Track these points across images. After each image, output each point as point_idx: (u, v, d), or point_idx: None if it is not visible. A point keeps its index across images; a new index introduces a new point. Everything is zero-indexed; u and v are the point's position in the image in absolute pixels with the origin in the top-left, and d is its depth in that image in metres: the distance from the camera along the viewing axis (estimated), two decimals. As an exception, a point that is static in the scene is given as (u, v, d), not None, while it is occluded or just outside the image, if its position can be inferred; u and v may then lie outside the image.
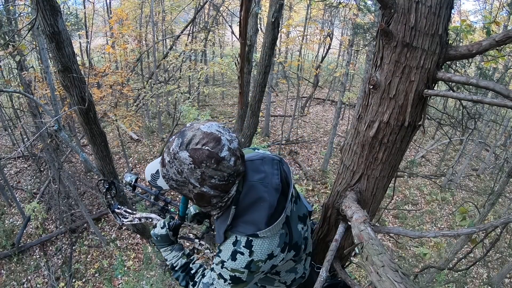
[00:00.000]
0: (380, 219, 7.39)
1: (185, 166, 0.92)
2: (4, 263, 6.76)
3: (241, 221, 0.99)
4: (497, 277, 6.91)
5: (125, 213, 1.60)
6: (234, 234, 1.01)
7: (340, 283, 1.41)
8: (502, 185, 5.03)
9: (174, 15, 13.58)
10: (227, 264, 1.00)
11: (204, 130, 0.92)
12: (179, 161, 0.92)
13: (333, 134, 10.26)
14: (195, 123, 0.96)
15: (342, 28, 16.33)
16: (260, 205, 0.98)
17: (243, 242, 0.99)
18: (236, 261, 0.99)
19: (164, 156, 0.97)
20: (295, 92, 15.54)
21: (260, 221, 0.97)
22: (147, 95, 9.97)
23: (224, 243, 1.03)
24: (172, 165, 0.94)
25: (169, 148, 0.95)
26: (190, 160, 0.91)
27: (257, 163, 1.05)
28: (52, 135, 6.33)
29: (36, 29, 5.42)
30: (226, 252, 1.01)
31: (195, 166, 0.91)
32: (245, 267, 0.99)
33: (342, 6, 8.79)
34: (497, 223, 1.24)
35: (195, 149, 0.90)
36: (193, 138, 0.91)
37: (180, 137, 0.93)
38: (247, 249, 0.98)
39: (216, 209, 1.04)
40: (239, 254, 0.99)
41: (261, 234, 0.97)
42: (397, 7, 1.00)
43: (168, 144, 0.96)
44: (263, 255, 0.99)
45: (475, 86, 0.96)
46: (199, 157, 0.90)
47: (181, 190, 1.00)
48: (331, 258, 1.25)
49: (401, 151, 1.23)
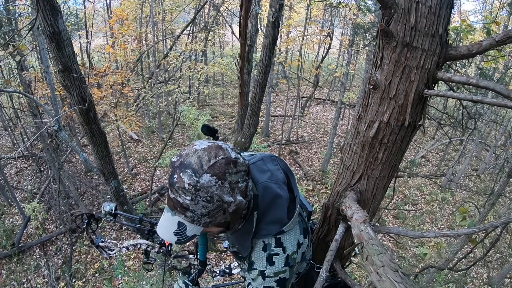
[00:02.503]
0: (380, 219, 7.39)
1: (212, 188, 0.83)
2: (4, 263, 6.76)
3: (264, 223, 0.99)
4: (497, 277, 6.91)
5: (110, 245, 1.55)
6: (259, 240, 1.00)
7: (340, 283, 1.41)
8: (502, 185, 5.03)
9: (174, 15, 13.58)
10: (268, 271, 0.99)
11: (201, 147, 0.86)
12: (204, 189, 0.83)
13: (333, 134, 10.26)
14: (182, 152, 0.88)
15: (342, 28, 16.33)
16: (278, 202, 1.01)
17: (273, 243, 0.99)
18: (275, 264, 0.99)
19: (181, 201, 0.84)
20: (295, 92, 15.54)
21: (282, 217, 1.00)
22: (147, 95, 9.97)
23: (252, 254, 1.01)
24: (197, 200, 0.84)
25: (181, 188, 0.83)
26: (215, 179, 0.83)
27: (260, 164, 1.07)
28: (52, 135, 6.33)
29: (36, 29, 5.43)
30: (260, 261, 1.00)
31: (222, 181, 0.85)
32: (285, 265, 1.00)
33: (342, 6, 8.78)
34: (497, 223, 1.24)
35: (211, 166, 0.83)
36: (201, 159, 0.83)
37: (186, 168, 0.83)
38: (279, 247, 1.00)
39: (241, 220, 0.99)
40: (275, 256, 0.99)
41: (286, 228, 1.00)
42: (397, 7, 1.00)
43: (175, 188, 0.84)
44: (294, 246, 1.02)
45: (475, 86, 0.96)
46: (221, 170, 0.84)
47: (215, 220, 0.91)
48: (331, 258, 1.25)
49: (401, 151, 1.23)
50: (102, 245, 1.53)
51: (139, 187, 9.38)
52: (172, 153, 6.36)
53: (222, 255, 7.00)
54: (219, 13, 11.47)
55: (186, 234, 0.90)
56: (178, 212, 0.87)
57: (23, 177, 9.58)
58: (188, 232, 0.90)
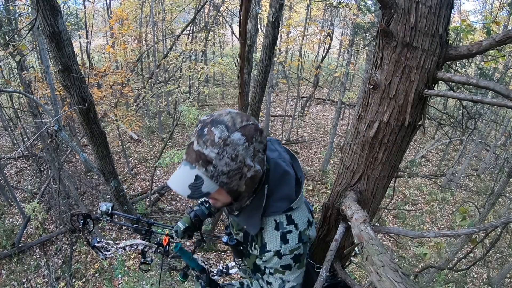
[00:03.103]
0: (380, 219, 7.39)
1: (239, 147, 0.86)
2: (4, 263, 6.75)
3: (273, 200, 1.01)
4: (497, 277, 6.91)
5: (106, 246, 1.53)
6: (270, 218, 1.02)
7: (340, 283, 1.41)
8: (502, 185, 5.03)
9: (174, 15, 13.57)
10: (283, 250, 1.01)
11: (233, 111, 0.91)
12: (232, 145, 0.85)
13: (333, 134, 10.26)
14: (213, 113, 0.91)
15: (342, 28, 16.33)
16: (287, 179, 1.03)
17: (285, 221, 1.01)
18: (289, 242, 1.01)
19: (206, 152, 0.85)
20: (295, 92, 15.54)
21: (290, 193, 1.02)
22: (147, 95, 9.97)
23: (265, 234, 1.03)
24: (223, 155, 0.85)
25: (210, 140, 0.84)
26: (244, 139, 0.87)
27: (268, 144, 1.10)
28: (52, 135, 6.33)
29: (36, 29, 5.43)
30: (273, 241, 1.01)
31: (249, 143, 0.88)
32: (299, 241, 1.02)
33: (342, 6, 8.79)
34: (497, 223, 1.24)
35: (244, 126, 0.87)
36: (234, 119, 0.87)
37: (219, 124, 0.85)
38: (291, 225, 1.01)
39: (251, 194, 1.02)
40: (288, 234, 1.01)
41: (295, 205, 1.02)
42: (397, 7, 1.00)
43: (204, 140, 0.85)
44: (304, 223, 1.04)
45: (475, 86, 0.96)
46: (250, 133, 0.88)
47: (231, 182, 0.91)
48: (331, 258, 1.25)
49: (401, 151, 1.23)
50: (98, 245, 1.51)
51: (139, 187, 9.38)
52: (172, 153, 6.35)
53: (222, 255, 7.00)
54: (219, 13, 11.47)
55: (201, 189, 0.89)
56: (200, 165, 0.87)
57: (23, 177, 9.58)
58: (203, 188, 0.89)
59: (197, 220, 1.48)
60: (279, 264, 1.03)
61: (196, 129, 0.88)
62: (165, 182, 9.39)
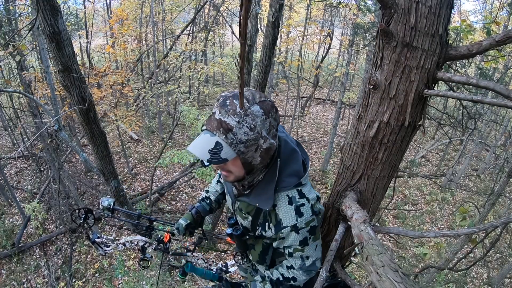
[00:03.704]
0: (380, 219, 7.39)
1: (258, 119, 0.93)
2: (4, 263, 6.75)
3: (284, 175, 1.06)
4: (497, 277, 6.91)
5: (106, 241, 1.52)
6: (282, 193, 1.06)
7: (340, 283, 1.42)
8: (502, 185, 5.03)
9: (174, 15, 13.57)
10: (299, 223, 1.05)
11: (253, 89, 0.98)
12: (252, 116, 0.92)
13: (333, 134, 10.26)
14: (235, 90, 0.97)
15: (342, 28, 16.32)
16: (295, 156, 1.09)
17: (297, 195, 1.06)
18: (304, 215, 1.05)
19: (228, 121, 0.91)
20: (295, 92, 15.54)
21: (299, 169, 1.08)
22: (147, 95, 9.96)
23: (279, 210, 1.06)
24: (242, 124, 0.91)
25: (232, 110, 0.91)
26: (262, 112, 0.93)
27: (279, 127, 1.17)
28: (52, 135, 6.33)
29: (36, 29, 5.43)
30: (288, 216, 1.05)
31: (266, 117, 0.94)
32: (312, 213, 1.07)
33: (342, 6, 8.79)
34: (497, 223, 1.24)
35: (262, 101, 0.94)
36: (254, 94, 0.95)
37: (238, 97, 0.92)
38: (303, 198, 1.06)
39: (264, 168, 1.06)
40: (301, 206, 1.05)
41: (304, 180, 1.08)
42: (397, 7, 1.00)
43: (226, 109, 0.91)
44: (314, 196, 1.10)
45: (475, 86, 0.96)
46: (267, 108, 0.95)
47: (247, 152, 0.97)
48: (331, 258, 1.25)
49: (401, 151, 1.23)
50: (98, 241, 1.50)
51: (139, 187, 9.38)
52: (172, 153, 6.35)
53: (222, 255, 7.01)
54: (219, 13, 11.47)
55: (220, 155, 0.94)
56: (220, 132, 0.93)
57: (23, 177, 9.57)
58: (222, 154, 0.94)
59: (198, 216, 1.49)
60: (297, 240, 1.08)
61: (218, 102, 0.95)
62: (165, 182, 9.40)
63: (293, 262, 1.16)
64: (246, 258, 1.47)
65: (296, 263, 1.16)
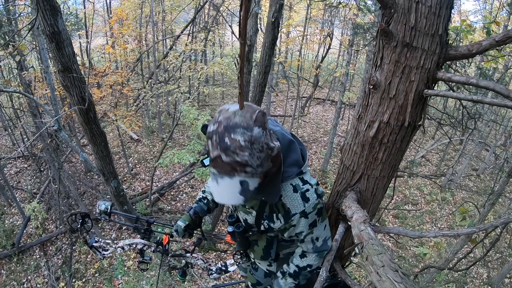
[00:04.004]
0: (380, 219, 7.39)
1: (262, 138, 0.91)
2: (4, 263, 6.75)
3: (286, 165, 1.07)
4: (497, 277, 6.91)
5: (105, 245, 1.52)
6: (286, 183, 1.09)
7: (340, 283, 1.42)
8: (502, 185, 5.03)
9: (174, 15, 13.57)
10: (307, 208, 1.09)
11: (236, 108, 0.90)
12: (257, 141, 0.89)
13: (333, 134, 10.26)
14: (218, 118, 0.90)
15: (342, 28, 16.31)
16: (293, 147, 1.11)
17: (300, 182, 1.09)
18: (310, 199, 1.09)
19: (239, 159, 0.87)
20: (295, 92, 15.54)
21: (298, 159, 1.11)
22: (147, 95, 9.96)
23: (285, 200, 1.09)
24: (253, 153, 0.88)
25: (238, 147, 0.86)
26: (261, 130, 0.91)
27: (271, 121, 1.16)
28: (52, 135, 6.33)
29: (36, 29, 5.42)
30: (295, 203, 1.09)
31: (265, 131, 0.93)
32: (317, 196, 1.11)
33: (342, 6, 8.78)
34: (497, 223, 1.24)
35: (256, 119, 0.90)
36: (244, 117, 0.88)
37: (235, 128, 0.86)
38: (306, 184, 1.10)
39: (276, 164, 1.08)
40: (306, 192, 1.09)
41: (304, 169, 1.11)
42: (397, 7, 1.00)
43: (231, 150, 0.86)
44: (315, 181, 1.14)
45: (475, 86, 0.96)
46: (262, 121, 0.92)
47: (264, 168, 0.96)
48: (331, 258, 1.25)
49: (401, 151, 1.23)
50: (96, 245, 1.49)
51: (139, 187, 9.38)
52: (172, 153, 6.34)
53: (222, 255, 7.00)
54: (219, 13, 11.47)
55: (249, 189, 0.94)
56: (238, 172, 0.89)
57: (23, 177, 9.57)
58: (251, 187, 0.94)
59: (196, 217, 1.49)
60: (307, 224, 1.12)
61: (214, 142, 0.88)
62: (165, 182, 9.40)
63: (305, 248, 1.21)
64: (245, 257, 1.47)
65: (308, 247, 1.21)
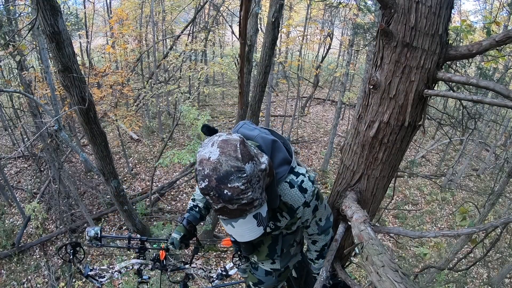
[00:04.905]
0: (380, 219, 7.39)
1: (255, 170, 0.89)
2: (4, 263, 6.75)
3: (275, 167, 1.08)
4: (497, 277, 6.91)
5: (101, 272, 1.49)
6: (281, 182, 1.10)
7: (340, 283, 1.41)
8: (502, 185, 5.03)
9: (174, 15, 13.57)
10: (308, 198, 1.12)
11: (215, 155, 0.86)
12: (253, 176, 0.87)
13: (333, 134, 10.26)
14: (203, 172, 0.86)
15: (342, 28, 16.32)
16: (277, 146, 1.11)
17: (294, 177, 1.11)
18: (308, 190, 1.11)
19: (245, 201, 0.87)
20: (295, 92, 15.54)
21: (285, 156, 1.11)
22: (147, 95, 9.96)
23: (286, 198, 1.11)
24: (254, 188, 0.88)
25: (240, 193, 0.85)
26: (252, 163, 0.89)
27: (246, 127, 1.17)
28: (52, 135, 6.33)
29: (36, 29, 5.42)
30: (296, 198, 1.11)
31: (254, 159, 0.90)
32: (312, 183, 1.14)
33: (342, 6, 8.78)
34: (497, 223, 1.24)
35: (241, 157, 0.86)
36: (229, 160, 0.85)
37: (228, 177, 0.84)
38: (299, 176, 1.11)
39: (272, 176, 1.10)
40: (302, 183, 1.11)
41: (293, 164, 1.12)
42: (397, 7, 1.00)
43: (235, 199, 0.85)
44: (304, 169, 1.16)
45: (475, 86, 0.96)
46: (246, 152, 0.88)
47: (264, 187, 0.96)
48: (331, 258, 1.25)
49: (401, 151, 1.23)
50: (91, 273, 1.46)
51: (139, 187, 9.38)
52: (172, 153, 6.34)
53: (222, 255, 7.00)
54: (219, 13, 11.47)
55: (264, 216, 0.95)
56: (248, 210, 0.90)
57: (23, 177, 9.57)
58: (264, 213, 0.95)
59: (191, 226, 1.47)
60: (310, 211, 1.16)
61: (214, 197, 0.86)
62: (165, 182, 9.40)
63: (311, 231, 1.27)
64: (244, 258, 1.47)
65: (314, 230, 1.26)
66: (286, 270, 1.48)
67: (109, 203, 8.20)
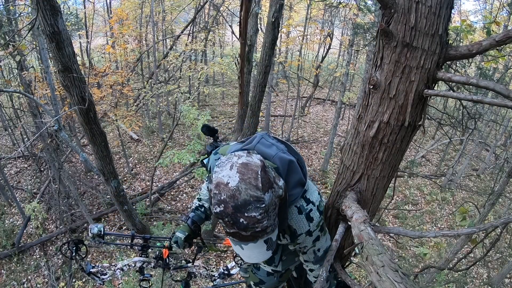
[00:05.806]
0: (380, 219, 7.39)
1: (273, 198, 0.88)
2: (4, 263, 6.75)
3: (290, 188, 1.06)
4: (497, 277, 6.91)
5: (102, 269, 1.49)
6: (292, 206, 1.08)
7: (340, 283, 1.41)
8: (502, 185, 5.03)
9: (174, 15, 13.57)
10: (312, 227, 1.11)
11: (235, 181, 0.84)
12: (270, 205, 0.87)
13: (333, 134, 10.26)
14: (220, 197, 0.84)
15: (342, 28, 16.32)
16: (293, 167, 1.08)
17: (304, 203, 1.10)
18: (314, 220, 1.11)
19: (260, 229, 0.86)
20: (295, 92, 15.54)
21: (301, 178, 1.09)
22: (147, 95, 9.97)
23: (291, 222, 1.10)
24: (269, 216, 0.87)
25: (256, 222, 0.84)
26: (271, 191, 0.88)
27: (263, 141, 1.12)
28: (52, 135, 6.33)
29: (36, 29, 5.42)
30: (301, 224, 1.10)
31: (273, 187, 0.89)
32: (320, 214, 1.14)
33: (342, 6, 8.79)
34: (497, 223, 1.24)
35: (262, 186, 0.84)
36: (249, 189, 0.83)
37: (246, 206, 0.82)
38: (309, 203, 1.10)
39: None
40: (310, 212, 1.10)
41: (307, 187, 1.10)
42: (397, 7, 1.00)
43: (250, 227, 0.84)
44: (317, 196, 1.15)
45: (475, 86, 0.96)
46: (267, 180, 0.87)
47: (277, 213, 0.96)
48: (331, 258, 1.25)
49: (401, 151, 1.23)
50: (93, 271, 1.46)
51: (139, 187, 9.38)
52: (172, 153, 6.34)
53: (222, 255, 7.00)
54: (219, 13, 11.47)
55: (274, 240, 0.97)
56: (261, 236, 0.89)
57: (23, 177, 9.57)
58: (274, 238, 0.96)
59: (195, 226, 1.47)
60: (311, 240, 1.15)
61: (228, 223, 0.85)
62: (165, 182, 9.40)
63: (306, 258, 1.26)
64: None
65: (310, 257, 1.25)
66: (287, 272, 1.49)
67: (109, 203, 8.20)
